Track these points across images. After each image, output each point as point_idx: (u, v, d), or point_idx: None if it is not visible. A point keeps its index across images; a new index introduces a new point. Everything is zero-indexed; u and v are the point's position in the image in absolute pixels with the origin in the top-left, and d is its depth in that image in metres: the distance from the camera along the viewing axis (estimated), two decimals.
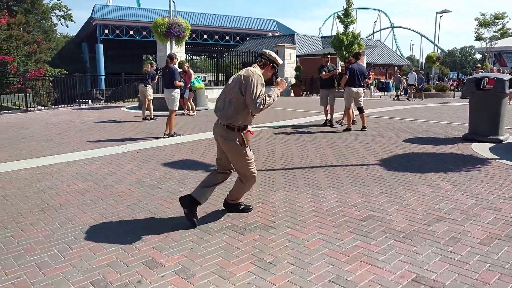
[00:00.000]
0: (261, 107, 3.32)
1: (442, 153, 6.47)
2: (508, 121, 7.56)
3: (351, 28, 24.06)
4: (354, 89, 8.84)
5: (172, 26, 12.88)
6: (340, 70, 9.83)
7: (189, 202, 3.57)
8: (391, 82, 31.14)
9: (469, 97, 7.86)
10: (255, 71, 3.44)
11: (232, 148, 3.50)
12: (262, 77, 3.46)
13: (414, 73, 23.18)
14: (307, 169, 5.60)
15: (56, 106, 16.18)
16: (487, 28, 34.50)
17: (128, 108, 14.90)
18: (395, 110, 13.95)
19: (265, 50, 3.64)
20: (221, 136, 3.53)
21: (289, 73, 23.84)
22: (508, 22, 36.33)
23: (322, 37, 44.70)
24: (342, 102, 9.37)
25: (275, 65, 3.62)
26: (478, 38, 35.83)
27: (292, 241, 3.23)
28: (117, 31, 52.86)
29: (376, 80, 34.65)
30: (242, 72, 3.46)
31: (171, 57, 8.28)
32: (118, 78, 18.75)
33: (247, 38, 51.50)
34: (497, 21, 34.34)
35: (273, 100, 3.43)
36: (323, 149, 6.92)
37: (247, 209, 3.92)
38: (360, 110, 9.04)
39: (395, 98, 22.76)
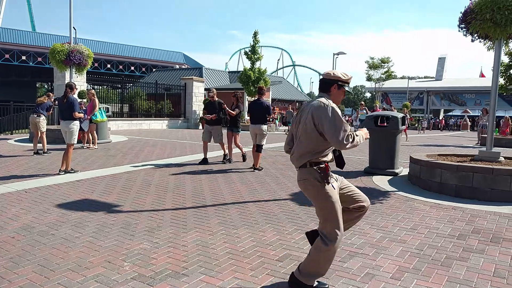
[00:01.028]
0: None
1: None
2: (401, 155, 8.25)
3: (257, 64, 24.99)
4: (253, 126, 8.44)
5: (72, 54, 11.99)
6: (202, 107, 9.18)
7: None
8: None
9: (369, 133, 8.43)
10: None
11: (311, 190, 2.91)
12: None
13: (292, 110, 24.26)
14: (220, 206, 5.38)
15: None
16: (376, 70, 38.51)
17: (16, 141, 13.32)
18: None
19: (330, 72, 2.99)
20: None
21: (197, 106, 23.75)
22: (392, 66, 41.01)
23: (229, 72, 45.80)
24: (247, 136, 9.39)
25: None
26: (369, 78, 39.75)
27: None
28: (7, 56, 48.27)
29: (280, 115, 36.18)
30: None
31: (71, 87, 7.59)
32: (6, 107, 16.83)
33: (153, 70, 50.63)
34: (383, 64, 38.53)
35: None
36: (235, 184, 6.79)
37: None
38: (257, 148, 8.38)
39: (287, 131, 23.54)
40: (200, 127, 23.60)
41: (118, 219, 4.69)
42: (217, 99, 9.05)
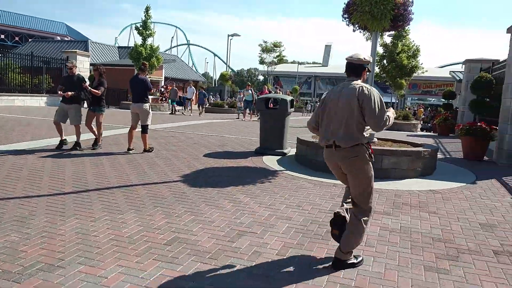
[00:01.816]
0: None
1: (239, 167, 6.86)
2: (290, 136, 8.65)
3: (149, 40, 23.86)
4: (134, 105, 7.82)
5: None
6: (89, 83, 7.95)
7: (341, 223, 3.15)
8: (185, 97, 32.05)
9: (260, 114, 8.65)
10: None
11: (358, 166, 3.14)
12: None
13: (192, 87, 23.10)
14: (104, 190, 5.03)
15: None
16: (268, 54, 39.64)
17: None
18: (195, 125, 14.35)
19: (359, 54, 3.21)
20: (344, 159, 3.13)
21: None
22: (284, 50, 42.61)
23: (119, 47, 43.03)
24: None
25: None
26: (262, 62, 40.78)
27: (86, 281, 2.72)
28: None
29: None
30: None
31: None
32: None
33: (30, 40, 45.14)
34: (276, 48, 39.82)
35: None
36: (122, 167, 6.41)
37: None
38: (143, 129, 7.78)
39: (171, 112, 21.68)
40: (85, 105, 21.86)
41: None
42: (77, 73, 7.93)
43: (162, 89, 29.62)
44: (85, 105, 8.54)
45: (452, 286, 2.90)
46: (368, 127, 3.11)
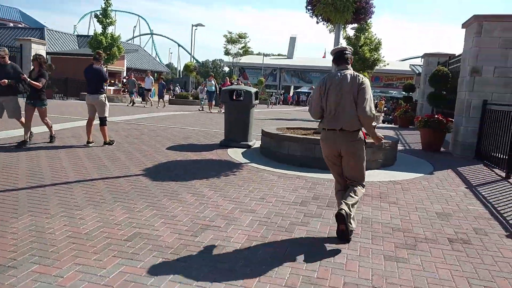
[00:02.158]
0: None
1: (204, 160, 6.78)
2: (254, 128, 8.64)
3: (110, 29, 23.08)
4: (89, 97, 7.44)
5: None
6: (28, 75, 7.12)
7: (345, 217, 3.38)
8: (152, 88, 31.35)
9: (224, 106, 8.57)
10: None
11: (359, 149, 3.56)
12: None
13: (150, 77, 21.60)
14: (61, 185, 4.82)
15: None
16: (233, 45, 39.42)
17: None
18: (158, 117, 14.07)
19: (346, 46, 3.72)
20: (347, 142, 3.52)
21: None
22: (249, 41, 42.54)
23: (77, 36, 41.42)
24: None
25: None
26: (227, 53, 40.49)
27: (40, 281, 2.60)
28: None
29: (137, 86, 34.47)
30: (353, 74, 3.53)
31: None
32: None
33: None
34: (241, 39, 39.64)
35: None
36: (81, 161, 6.18)
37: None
38: (101, 121, 7.45)
39: (130, 104, 21.08)
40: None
41: None
42: (9, 62, 7.07)
43: (124, 80, 28.81)
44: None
45: (410, 274, 2.99)
46: None
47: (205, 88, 20.08)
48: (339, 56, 3.61)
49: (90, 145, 7.39)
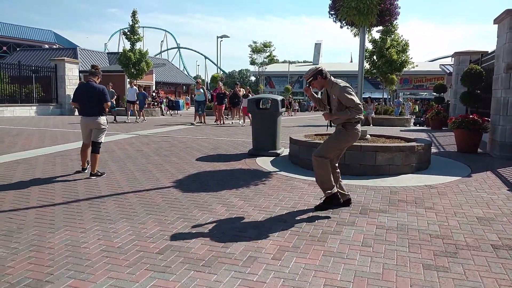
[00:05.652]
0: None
1: (233, 169, 6.78)
2: (282, 136, 8.58)
3: (138, 45, 23.67)
4: (85, 119, 6.29)
5: None
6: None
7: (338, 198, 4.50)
8: (180, 101, 31.97)
9: (251, 115, 8.57)
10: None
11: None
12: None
13: (134, 87, 18.11)
14: (94, 199, 4.92)
15: None
16: (259, 54, 39.63)
17: None
18: (186, 129, 14.23)
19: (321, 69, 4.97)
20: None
21: (71, 90, 21.65)
22: (274, 50, 42.70)
23: (108, 53, 42.77)
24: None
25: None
26: (252, 62, 40.74)
27: None
28: None
29: (166, 99, 35.16)
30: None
31: None
32: None
33: (18, 49, 44.74)
34: (266, 48, 39.81)
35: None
36: (113, 175, 6.30)
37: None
38: (94, 147, 6.24)
39: (113, 120, 16.45)
40: (77, 112, 21.63)
41: None
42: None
43: (154, 94, 29.46)
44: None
45: (452, 284, 2.84)
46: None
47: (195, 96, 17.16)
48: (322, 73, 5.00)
49: (86, 171, 6.42)
